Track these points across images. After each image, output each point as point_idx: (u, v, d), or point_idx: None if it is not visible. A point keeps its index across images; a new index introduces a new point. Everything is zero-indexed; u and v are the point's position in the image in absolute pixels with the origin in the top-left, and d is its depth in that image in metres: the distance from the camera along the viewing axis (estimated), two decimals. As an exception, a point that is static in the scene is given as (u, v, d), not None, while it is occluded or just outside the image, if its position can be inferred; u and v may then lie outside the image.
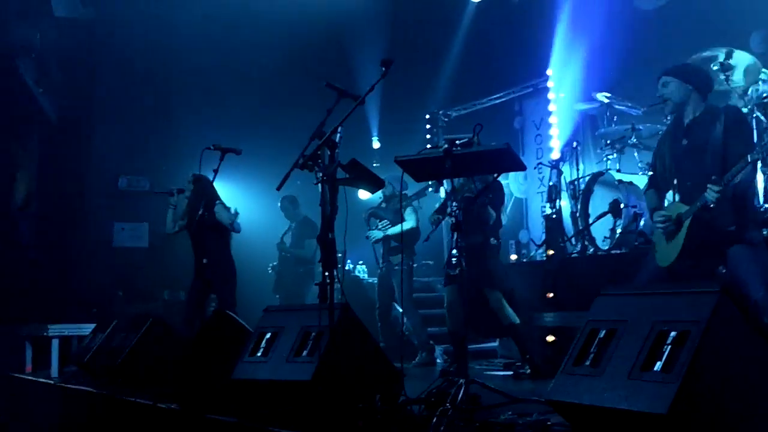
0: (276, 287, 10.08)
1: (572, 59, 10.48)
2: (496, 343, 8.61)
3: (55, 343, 8.14)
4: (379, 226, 8.43)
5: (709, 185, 4.45)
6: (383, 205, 8.67)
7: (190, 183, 7.69)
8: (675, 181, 4.88)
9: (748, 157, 4.35)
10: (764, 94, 6.55)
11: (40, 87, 10.72)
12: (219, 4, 11.26)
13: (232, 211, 7.54)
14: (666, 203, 4.93)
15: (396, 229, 8.18)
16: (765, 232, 5.33)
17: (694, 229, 4.63)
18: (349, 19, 11.39)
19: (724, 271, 4.88)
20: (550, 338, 6.75)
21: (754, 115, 6.37)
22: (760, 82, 6.71)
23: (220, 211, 7.44)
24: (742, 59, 6.87)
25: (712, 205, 4.47)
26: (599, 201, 7.67)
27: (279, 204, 9.94)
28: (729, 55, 6.80)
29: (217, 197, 7.60)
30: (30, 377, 7.95)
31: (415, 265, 8.65)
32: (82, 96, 11.26)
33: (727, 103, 5.06)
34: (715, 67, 6.78)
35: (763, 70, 6.78)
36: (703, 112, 4.84)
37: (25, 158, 10.64)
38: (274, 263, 10.17)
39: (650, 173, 5.46)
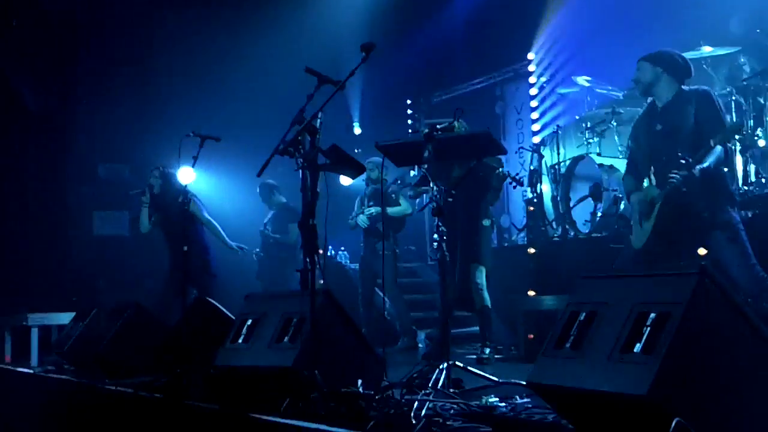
0: (259, 274, 10.04)
1: (553, 43, 10.50)
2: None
3: (35, 332, 8.08)
4: (365, 212, 8.37)
5: (681, 164, 4.51)
6: (369, 189, 8.61)
7: (156, 178, 7.79)
8: (651, 167, 4.93)
9: (711, 141, 4.40)
10: (743, 78, 6.59)
11: (19, 75, 10.61)
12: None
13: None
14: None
15: (393, 210, 8.15)
16: (745, 214, 5.38)
17: (665, 211, 4.71)
18: (329, 4, 11.33)
19: (704, 254, 4.94)
20: (531, 336, 6.75)
21: (733, 98, 6.40)
22: (740, 67, 6.76)
23: (195, 204, 7.60)
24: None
25: (683, 189, 4.51)
26: (580, 185, 7.70)
27: (258, 190, 9.90)
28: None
29: (186, 189, 7.75)
30: (9, 367, 7.90)
31: (398, 251, 8.63)
32: (61, 85, 11.15)
33: (699, 86, 5.10)
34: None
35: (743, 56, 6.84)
36: (675, 96, 4.89)
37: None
38: (258, 249, 10.13)
39: (628, 159, 5.51)
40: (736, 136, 5.84)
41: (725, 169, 5.00)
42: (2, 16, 10.31)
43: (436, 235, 4.74)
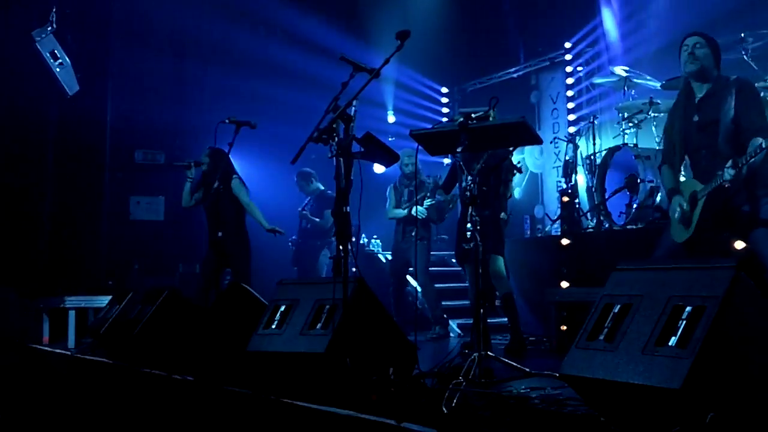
0: (295, 260, 10.09)
1: (590, 33, 10.39)
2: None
3: (72, 314, 8.21)
4: (425, 203, 8.27)
5: (726, 167, 4.41)
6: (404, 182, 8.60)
7: (206, 156, 7.72)
8: (687, 158, 4.84)
9: (763, 143, 4.30)
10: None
11: (56, 61, 10.71)
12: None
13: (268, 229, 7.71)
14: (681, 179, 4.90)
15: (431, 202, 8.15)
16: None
17: (709, 207, 4.61)
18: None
19: (741, 248, 4.87)
20: (564, 327, 6.71)
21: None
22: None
23: (237, 185, 7.49)
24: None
25: (727, 185, 4.43)
26: (616, 176, 7.63)
27: (295, 179, 9.94)
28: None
29: (234, 171, 7.66)
30: (47, 348, 8.03)
31: (432, 238, 8.60)
32: (98, 69, 11.25)
33: (739, 76, 4.95)
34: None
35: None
36: (714, 83, 4.75)
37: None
38: (294, 236, 10.18)
39: (662, 148, 5.41)
40: None
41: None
42: (43, 4, 10.41)
43: (469, 224, 4.74)
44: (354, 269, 4.60)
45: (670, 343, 2.88)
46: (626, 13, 9.62)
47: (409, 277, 8.76)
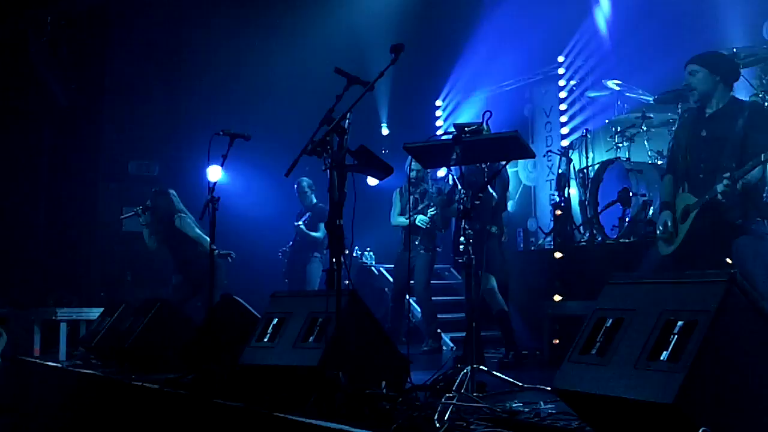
0: (286, 272, 10.06)
1: (583, 46, 10.44)
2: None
3: (64, 326, 8.18)
4: (428, 213, 8.22)
5: (724, 177, 4.43)
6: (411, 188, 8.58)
7: (150, 201, 8.05)
8: (688, 171, 4.86)
9: (762, 156, 4.32)
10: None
11: (51, 71, 10.72)
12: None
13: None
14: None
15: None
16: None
17: (700, 221, 4.63)
18: (360, 4, 11.36)
19: (731, 262, 4.89)
20: (556, 341, 6.73)
21: (766, 104, 6.32)
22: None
23: (180, 223, 7.76)
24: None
25: (723, 200, 4.45)
26: (608, 189, 7.65)
27: (297, 185, 9.77)
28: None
29: (175, 210, 7.87)
30: (38, 360, 8.00)
31: (439, 250, 8.52)
32: (93, 80, 11.26)
33: (754, 100, 4.99)
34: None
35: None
36: (727, 104, 4.78)
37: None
38: (284, 248, 10.14)
39: (667, 158, 5.43)
40: None
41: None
42: (38, 13, 10.43)
43: (462, 238, 4.75)
44: (347, 282, 4.59)
45: (662, 358, 2.87)
46: (619, 25, 9.66)
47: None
